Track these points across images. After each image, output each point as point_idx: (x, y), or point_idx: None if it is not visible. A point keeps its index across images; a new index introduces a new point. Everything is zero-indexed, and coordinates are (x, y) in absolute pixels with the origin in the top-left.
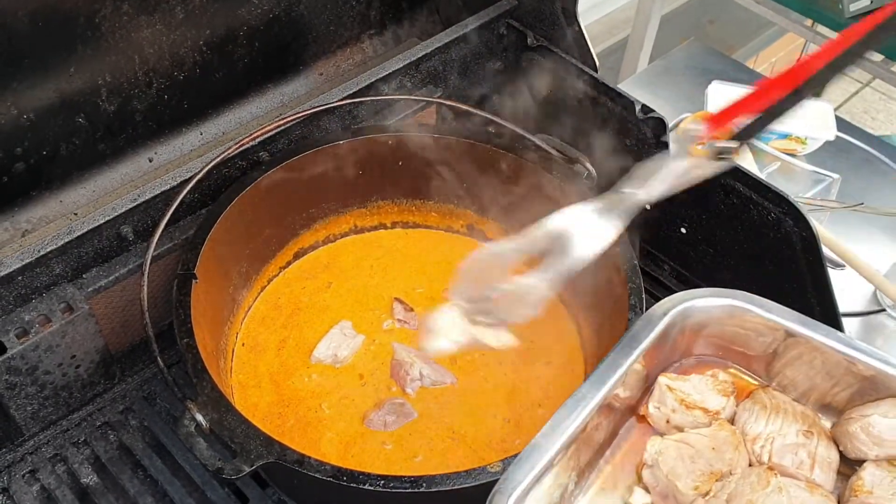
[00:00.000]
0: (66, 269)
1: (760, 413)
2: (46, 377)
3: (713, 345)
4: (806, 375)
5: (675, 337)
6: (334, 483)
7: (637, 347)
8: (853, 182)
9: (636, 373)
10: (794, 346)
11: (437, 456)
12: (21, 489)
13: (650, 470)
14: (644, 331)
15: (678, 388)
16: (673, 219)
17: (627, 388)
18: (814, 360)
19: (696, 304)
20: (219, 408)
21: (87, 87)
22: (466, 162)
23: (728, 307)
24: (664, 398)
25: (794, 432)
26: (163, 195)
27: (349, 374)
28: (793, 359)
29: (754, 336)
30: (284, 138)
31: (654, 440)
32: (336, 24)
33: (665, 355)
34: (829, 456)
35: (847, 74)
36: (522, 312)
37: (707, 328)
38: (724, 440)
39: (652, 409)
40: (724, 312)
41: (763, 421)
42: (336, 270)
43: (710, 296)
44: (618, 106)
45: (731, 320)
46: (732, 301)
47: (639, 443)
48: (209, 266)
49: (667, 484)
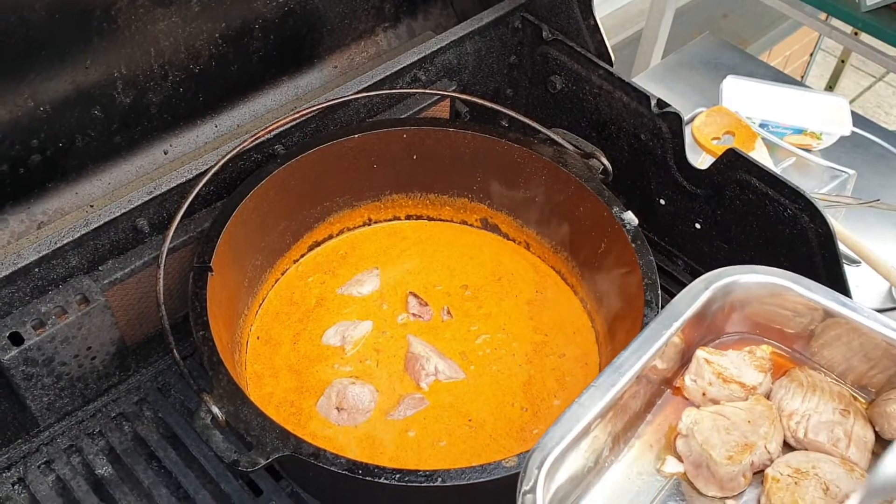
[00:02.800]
0: (83, 261)
1: (797, 390)
2: (62, 368)
3: (752, 322)
4: (843, 356)
5: (715, 312)
6: (350, 476)
7: (677, 320)
8: (869, 178)
9: (674, 345)
10: (832, 326)
11: (458, 443)
12: (36, 479)
13: (685, 440)
14: (684, 303)
15: (716, 362)
16: (688, 214)
17: (665, 360)
18: (852, 342)
19: (739, 279)
20: (235, 400)
21: (103, 80)
22: (481, 156)
23: (769, 285)
24: (701, 371)
25: (831, 410)
26: (178, 188)
27: (365, 367)
28: (831, 339)
29: (793, 315)
30: (299, 131)
31: (689, 411)
32: (350, 17)
33: (704, 329)
34: (865, 435)
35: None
36: None
37: (747, 305)
38: (760, 414)
39: (689, 382)
40: (764, 290)
41: (799, 398)
42: (354, 260)
43: (751, 272)
44: (633, 100)
45: (771, 298)
46: (774, 279)
47: (673, 414)
48: (225, 259)
49: (700, 453)
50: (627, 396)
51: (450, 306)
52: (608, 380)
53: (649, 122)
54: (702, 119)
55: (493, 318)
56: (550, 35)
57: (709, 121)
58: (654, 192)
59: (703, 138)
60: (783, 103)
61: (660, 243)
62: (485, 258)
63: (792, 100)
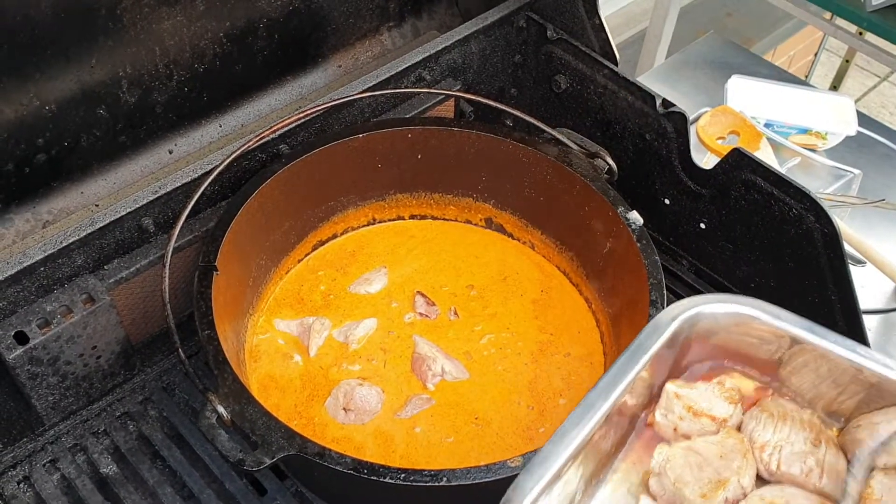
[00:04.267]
0: (88, 260)
1: (768, 421)
2: (67, 367)
3: (720, 351)
4: (812, 383)
5: (682, 343)
6: (355, 476)
7: (644, 355)
8: (874, 178)
9: (643, 380)
10: (800, 353)
11: (466, 440)
12: (41, 478)
13: (657, 478)
14: (651, 338)
15: (685, 396)
16: (692, 214)
17: (634, 396)
18: (820, 368)
19: (703, 309)
20: (240, 400)
21: (108, 79)
22: (485, 155)
23: (734, 314)
24: (671, 406)
25: (802, 440)
26: (183, 187)
27: (372, 366)
28: (799, 366)
29: (760, 343)
30: (304, 131)
31: (661, 448)
32: (355, 16)
33: (672, 361)
34: (837, 464)
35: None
36: None
37: (714, 335)
38: (732, 448)
39: (659, 417)
40: (730, 319)
41: (770, 429)
42: (363, 258)
43: (716, 301)
44: (638, 100)
45: (737, 327)
46: (738, 307)
47: (645, 451)
48: (230, 258)
49: (674, 492)
50: (598, 437)
51: (456, 306)
52: (577, 423)
53: (654, 121)
54: (706, 119)
55: (498, 317)
56: (555, 34)
57: (713, 120)
58: (658, 192)
59: (707, 138)
60: (788, 103)
61: (664, 243)
62: (490, 258)
63: (797, 99)
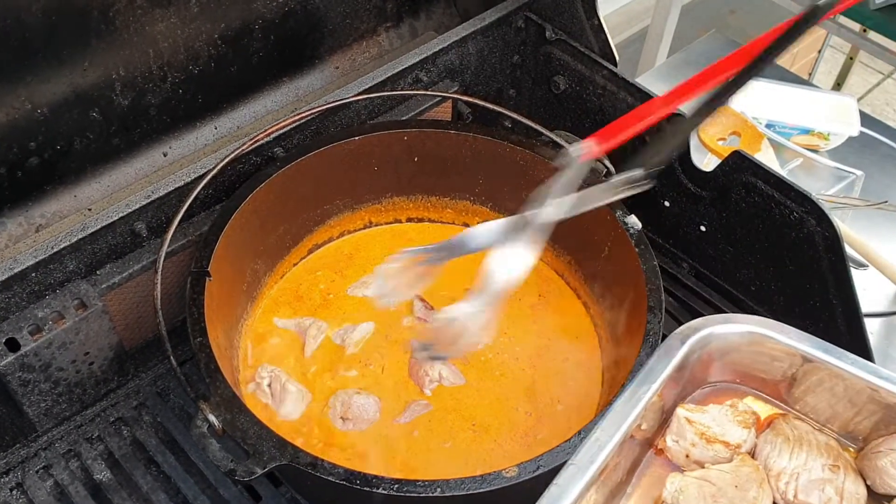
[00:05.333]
0: (80, 265)
1: (783, 446)
2: (60, 374)
3: (732, 370)
4: (827, 402)
5: (693, 365)
6: (347, 486)
7: (656, 380)
8: (877, 179)
9: (654, 404)
10: (813, 371)
11: (463, 446)
12: (35, 484)
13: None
14: (662, 362)
15: (697, 421)
16: (693, 217)
17: (646, 421)
18: (835, 387)
19: (714, 330)
20: (231, 408)
21: (101, 82)
22: (482, 158)
23: (746, 333)
24: (683, 431)
25: (820, 467)
26: (176, 191)
27: (369, 371)
28: (813, 385)
29: (772, 361)
30: (299, 134)
31: (673, 477)
32: (352, 16)
33: (683, 383)
34: (857, 491)
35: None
36: (462, 344)
37: (727, 354)
38: (747, 476)
39: (671, 443)
40: (742, 339)
41: (787, 455)
42: (360, 261)
43: (727, 322)
44: (637, 101)
45: (749, 346)
46: (750, 327)
47: (658, 477)
48: (223, 263)
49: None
50: (610, 467)
51: None
52: (588, 456)
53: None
54: (707, 120)
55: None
56: (554, 35)
57: (714, 121)
58: (658, 194)
59: (708, 139)
60: (790, 103)
61: (664, 245)
62: None
63: (799, 100)
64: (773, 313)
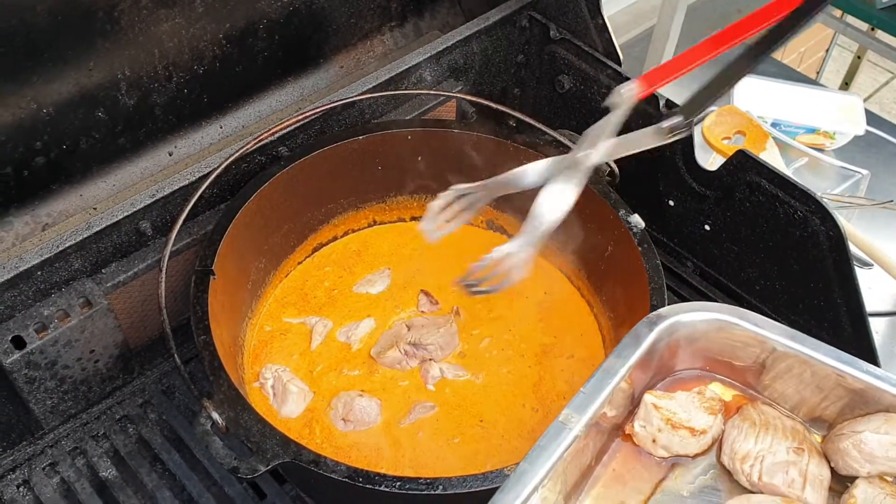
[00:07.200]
0: (85, 264)
1: (749, 430)
2: (65, 372)
3: (701, 357)
4: (795, 389)
5: (662, 352)
6: (349, 484)
7: (623, 366)
8: (883, 178)
9: (622, 391)
10: (782, 358)
11: (472, 442)
12: (41, 482)
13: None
14: (630, 348)
15: (664, 407)
16: (697, 216)
17: (614, 407)
18: (803, 373)
19: (682, 318)
20: (235, 406)
21: (107, 82)
22: (486, 157)
23: (714, 320)
24: (650, 417)
25: (785, 449)
26: (181, 190)
27: (372, 368)
28: (782, 371)
29: (742, 348)
30: (303, 133)
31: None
32: (356, 16)
33: (651, 371)
34: (820, 473)
35: (840, 45)
36: (507, 280)
37: (695, 341)
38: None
39: (638, 428)
40: (710, 326)
41: (752, 438)
42: (368, 258)
43: (696, 310)
44: (641, 101)
45: (718, 334)
46: (719, 315)
47: (626, 462)
48: (227, 262)
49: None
50: (577, 451)
51: (460, 307)
52: (555, 436)
53: (657, 122)
54: (712, 119)
55: (502, 319)
56: (558, 34)
57: (719, 120)
58: (663, 193)
59: (713, 138)
60: (795, 102)
61: (668, 244)
62: None
63: (804, 98)
64: (777, 312)
